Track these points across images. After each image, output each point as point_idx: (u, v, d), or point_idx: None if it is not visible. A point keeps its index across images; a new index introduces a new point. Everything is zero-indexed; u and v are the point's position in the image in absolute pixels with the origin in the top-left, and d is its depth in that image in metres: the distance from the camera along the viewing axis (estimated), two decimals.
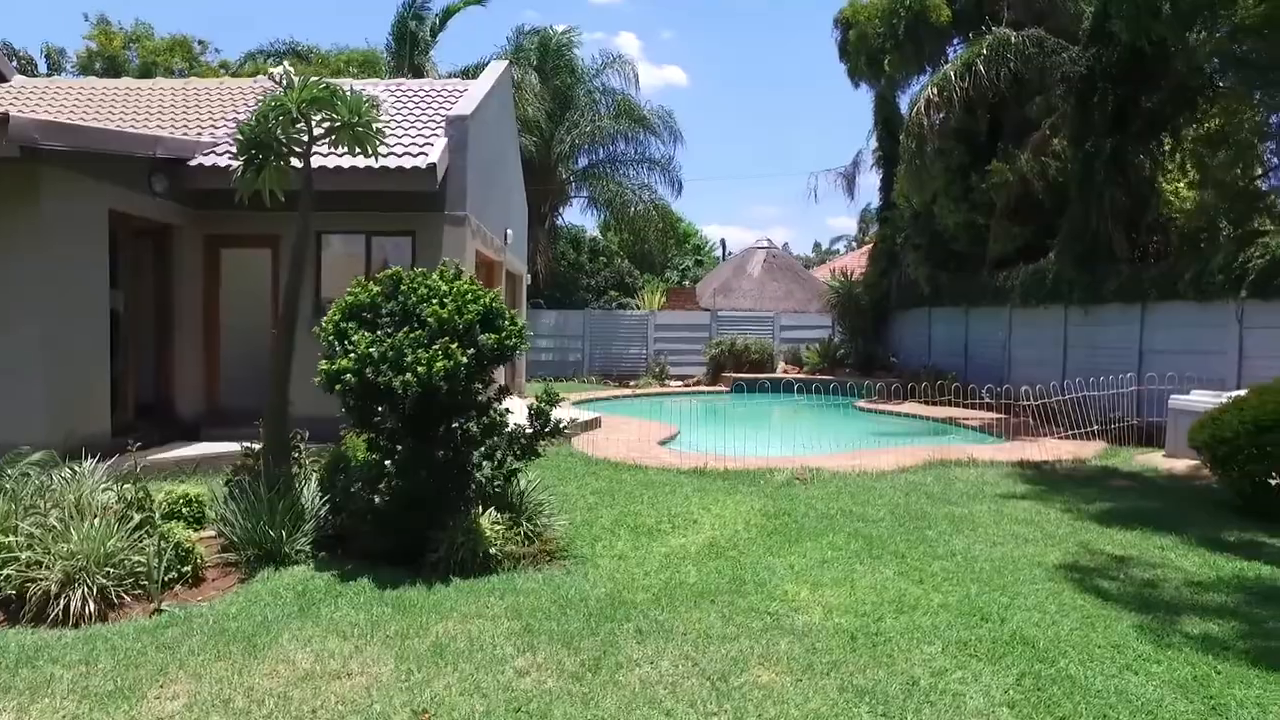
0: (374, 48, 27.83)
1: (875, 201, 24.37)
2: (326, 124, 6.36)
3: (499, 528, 5.90)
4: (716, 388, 22.63)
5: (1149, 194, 14.66)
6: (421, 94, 13.17)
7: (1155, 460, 10.07)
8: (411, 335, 5.60)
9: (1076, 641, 4.42)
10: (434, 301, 5.81)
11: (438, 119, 11.76)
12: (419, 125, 11.61)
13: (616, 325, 24.51)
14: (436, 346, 5.47)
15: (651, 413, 18.68)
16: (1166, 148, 14.71)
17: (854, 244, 49.43)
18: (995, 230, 16.20)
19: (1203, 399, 9.65)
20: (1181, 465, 9.55)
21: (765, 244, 28.41)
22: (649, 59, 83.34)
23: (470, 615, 4.80)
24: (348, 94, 6.24)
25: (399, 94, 13.13)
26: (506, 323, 6.23)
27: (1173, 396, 10.18)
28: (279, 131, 6.13)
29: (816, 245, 60.85)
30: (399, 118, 11.91)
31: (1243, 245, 10.69)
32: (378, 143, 6.52)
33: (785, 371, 23.55)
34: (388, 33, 25.59)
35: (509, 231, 14.90)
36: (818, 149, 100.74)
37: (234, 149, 6.46)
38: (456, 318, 5.69)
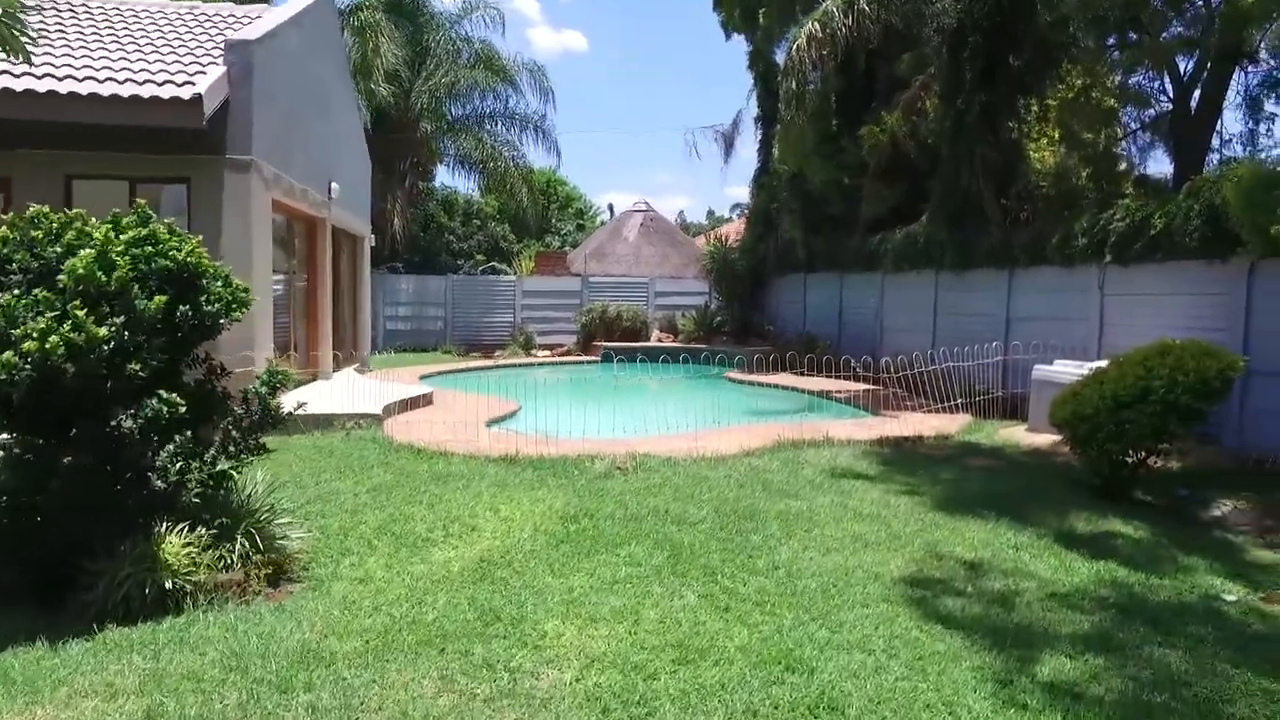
0: None
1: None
2: None
3: (192, 550, 4.43)
4: (587, 358, 21.38)
5: (1018, 157, 14.17)
6: (207, 18, 11.12)
7: (1018, 435, 9.42)
8: (36, 298, 4.01)
9: (899, 702, 3.36)
10: (83, 253, 4.22)
11: (223, 48, 9.86)
12: (198, 52, 9.66)
13: (481, 292, 22.82)
14: (56, 314, 3.91)
15: (501, 386, 17.24)
16: (1034, 108, 14.22)
17: (745, 211, 48.92)
18: (867, 192, 15.44)
19: (1064, 370, 9.01)
20: (1043, 440, 8.90)
21: (643, 207, 27.15)
22: (549, 22, 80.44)
23: (85, 692, 3.38)
24: None
25: (177, 17, 11.05)
26: (216, 285, 4.71)
27: (1036, 367, 9.54)
28: None
29: (710, 212, 60.12)
30: (174, 42, 9.93)
31: (1104, 209, 10.11)
32: (24, 44, 4.78)
33: (660, 340, 22.50)
34: None
35: (333, 185, 13.06)
36: (718, 113, 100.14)
37: None
38: (102, 275, 4.11)
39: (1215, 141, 12.02)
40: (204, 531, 4.55)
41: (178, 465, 4.56)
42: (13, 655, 3.72)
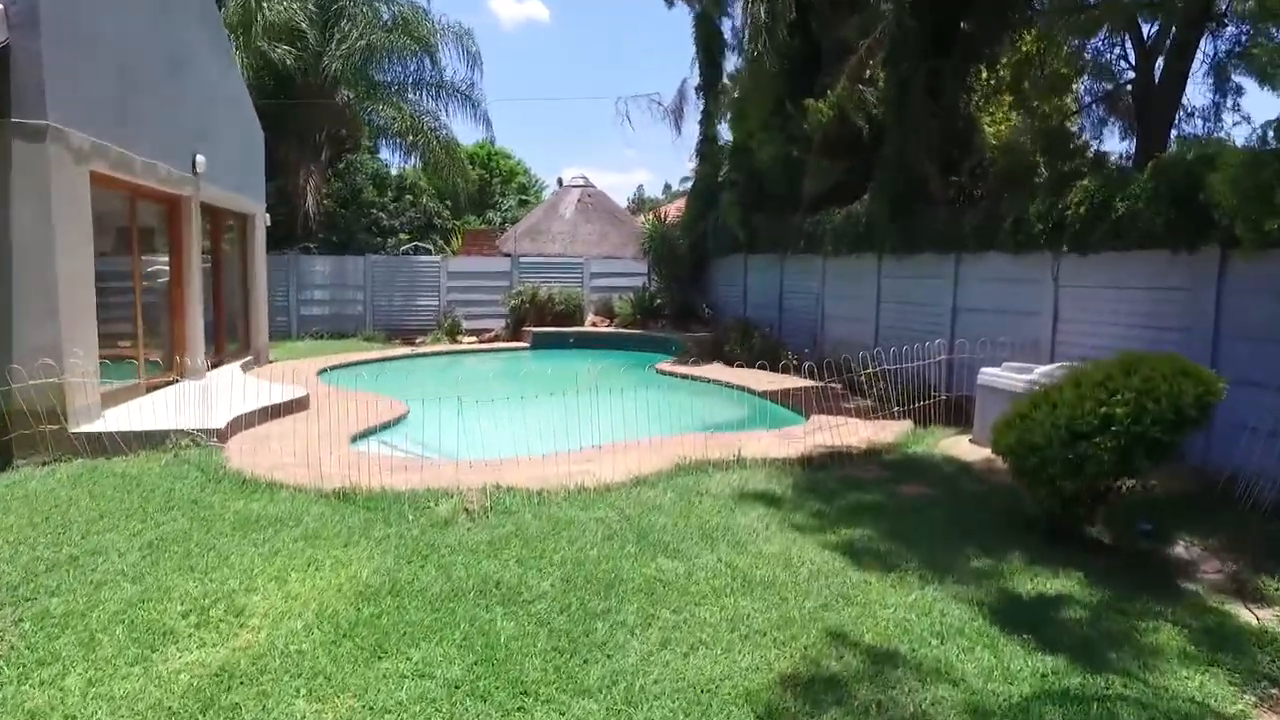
0: None
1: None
2: None
3: None
4: (516, 344, 19.97)
5: (969, 131, 12.98)
6: None
7: (961, 447, 8.26)
8: None
9: None
10: None
11: None
12: None
13: (404, 273, 21.18)
14: None
15: (419, 376, 15.85)
16: (987, 79, 13.03)
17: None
18: (810, 167, 14.16)
19: (1012, 377, 7.85)
20: (988, 455, 7.75)
21: (581, 181, 25.60)
22: None
23: None
24: None
25: None
26: None
27: (982, 370, 8.36)
28: None
29: (667, 187, 58.45)
30: None
31: (1061, 189, 8.92)
32: None
33: (595, 324, 21.16)
34: None
35: (199, 158, 11.41)
36: (670, 85, 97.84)
37: None
38: None
39: (1178, 116, 10.89)
40: None
41: None
42: None
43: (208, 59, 12.32)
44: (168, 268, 11.39)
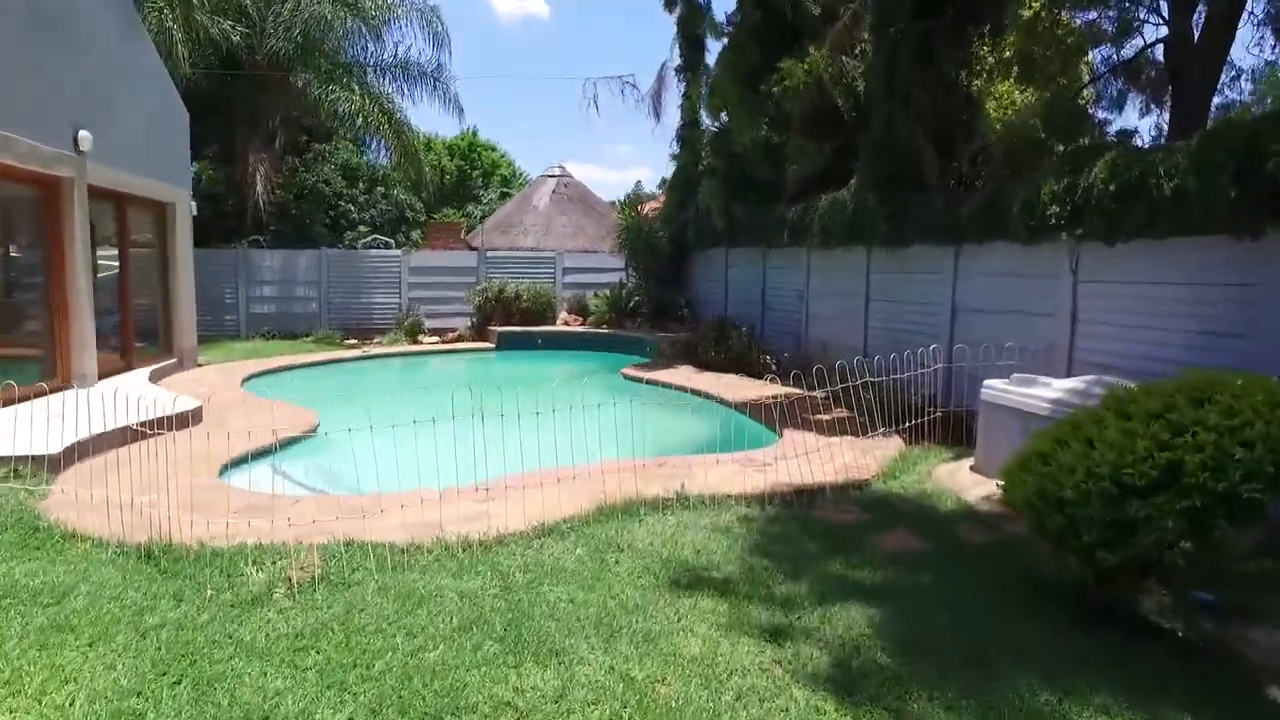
0: None
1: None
2: None
3: None
4: (481, 344, 18.46)
5: (971, 114, 11.45)
6: None
7: (960, 479, 6.73)
8: None
9: None
10: None
11: None
12: None
13: (361, 269, 19.63)
14: None
15: (358, 383, 14.30)
16: (988, 47, 11.50)
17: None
18: (791, 149, 12.64)
19: (1024, 394, 6.32)
20: (990, 489, 6.24)
21: (557, 171, 24.05)
22: None
23: None
24: None
25: None
26: None
27: (986, 384, 6.83)
28: None
29: (664, 181, 56.85)
30: None
31: (1083, 165, 7.40)
32: None
33: (566, 323, 19.64)
34: None
35: (83, 134, 9.88)
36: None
37: None
38: None
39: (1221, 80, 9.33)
40: None
41: None
42: None
43: (99, 22, 10.77)
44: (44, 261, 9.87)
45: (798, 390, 10.34)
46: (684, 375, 12.92)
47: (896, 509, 6.01)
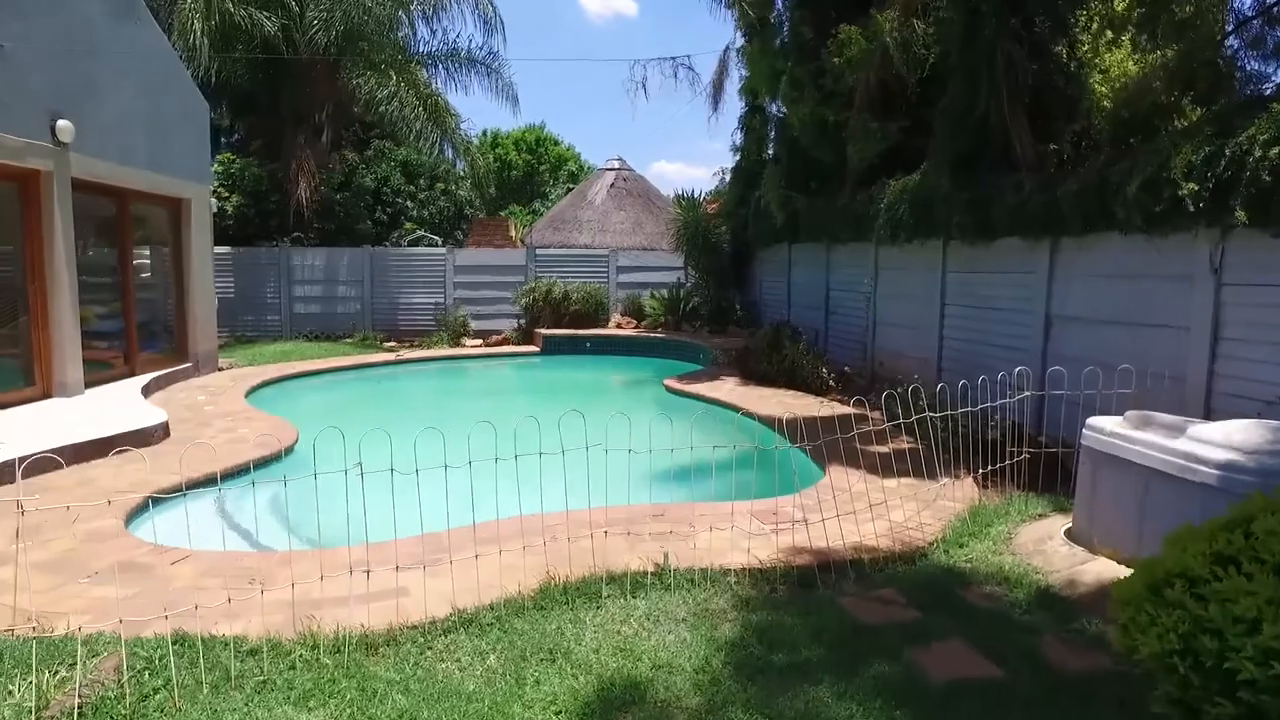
0: None
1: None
2: None
3: None
4: (526, 348, 17.33)
5: (1073, 86, 9.48)
6: None
7: (1050, 554, 4.99)
8: None
9: None
10: None
11: None
12: None
13: (404, 267, 18.77)
14: None
15: (377, 393, 13.26)
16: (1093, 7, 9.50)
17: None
18: (854, 128, 10.90)
19: (1144, 439, 4.52)
20: (1100, 571, 4.52)
21: (616, 164, 22.70)
22: None
23: None
24: None
25: None
26: None
27: (1091, 423, 5.04)
28: None
29: (721, 175, 54.99)
30: None
31: (1228, 130, 5.54)
32: None
33: (620, 326, 18.31)
34: None
35: (61, 123, 9.07)
36: None
37: None
38: None
39: None
40: None
41: None
42: None
43: (83, 2, 9.96)
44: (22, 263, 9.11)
45: (856, 411, 8.72)
46: (729, 389, 11.37)
47: (957, 600, 4.35)
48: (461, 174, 26.58)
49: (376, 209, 24.20)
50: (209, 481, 6.81)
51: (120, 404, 9.08)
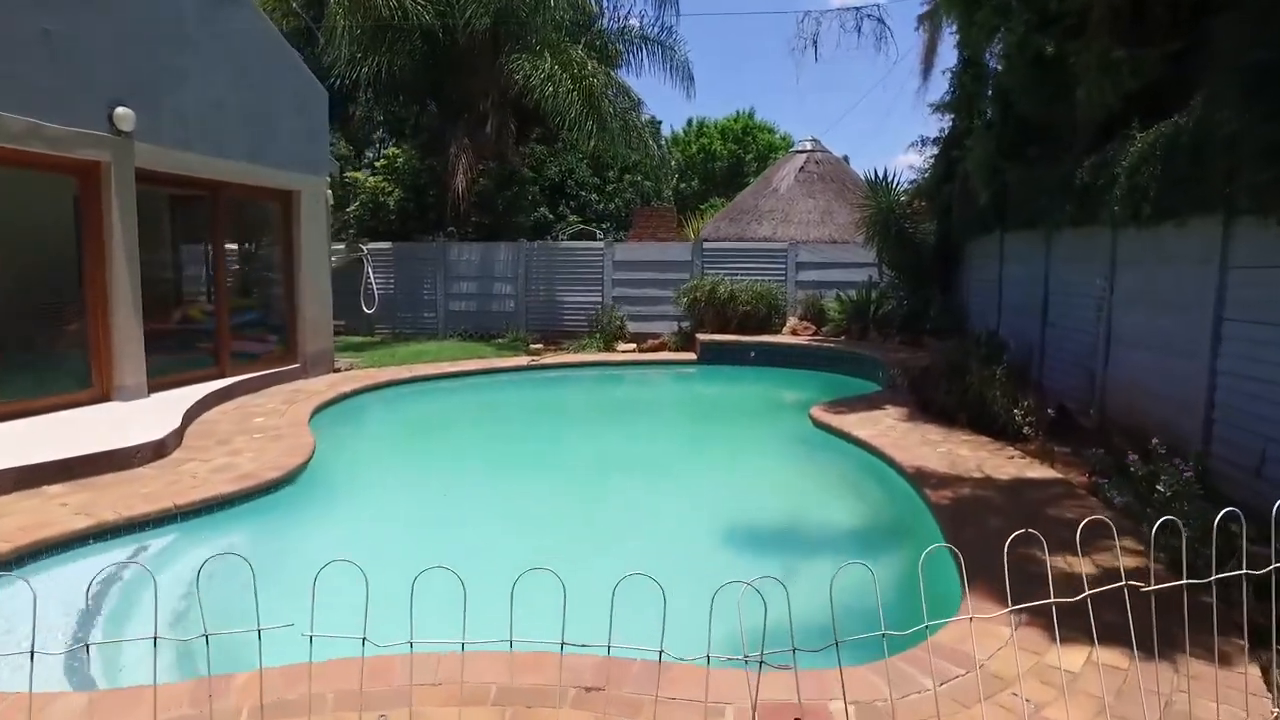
0: None
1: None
2: None
3: None
4: (683, 355, 15.21)
5: None
6: None
7: None
8: None
9: None
10: None
11: None
12: None
13: (562, 264, 17.32)
14: None
15: (481, 410, 11.62)
16: None
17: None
18: (1084, 63, 7.53)
19: None
20: None
21: (809, 145, 19.75)
22: None
23: None
24: None
25: None
26: None
27: None
28: None
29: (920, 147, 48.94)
30: None
31: None
32: None
33: (795, 332, 15.60)
34: None
35: (121, 110, 8.31)
36: None
37: None
38: None
39: None
40: None
41: None
42: None
43: None
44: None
45: (1059, 476, 5.71)
46: (887, 425, 8.48)
47: None
48: (656, 162, 24.94)
49: (560, 202, 23.25)
50: (128, 527, 5.43)
51: (155, 413, 8.15)
